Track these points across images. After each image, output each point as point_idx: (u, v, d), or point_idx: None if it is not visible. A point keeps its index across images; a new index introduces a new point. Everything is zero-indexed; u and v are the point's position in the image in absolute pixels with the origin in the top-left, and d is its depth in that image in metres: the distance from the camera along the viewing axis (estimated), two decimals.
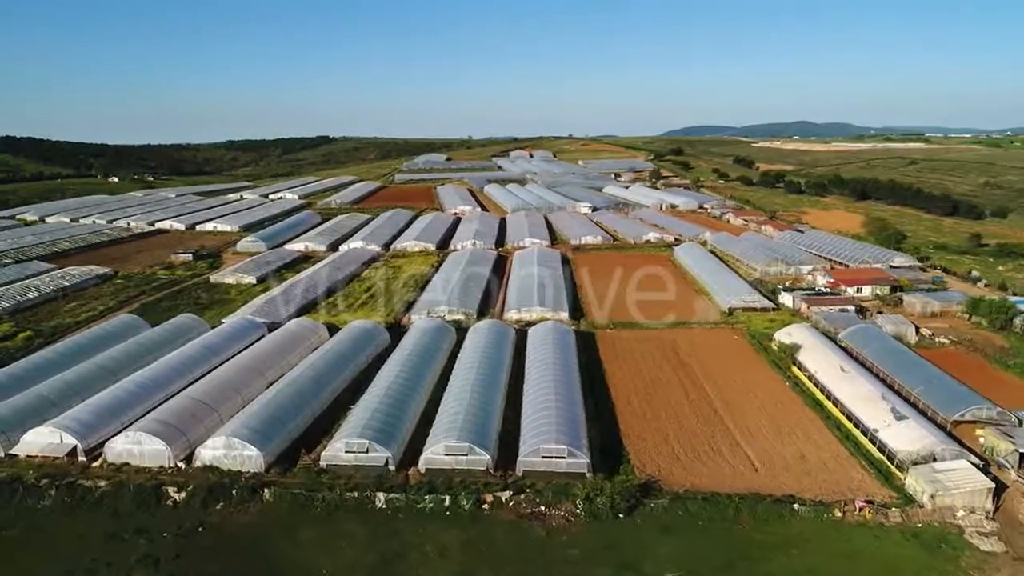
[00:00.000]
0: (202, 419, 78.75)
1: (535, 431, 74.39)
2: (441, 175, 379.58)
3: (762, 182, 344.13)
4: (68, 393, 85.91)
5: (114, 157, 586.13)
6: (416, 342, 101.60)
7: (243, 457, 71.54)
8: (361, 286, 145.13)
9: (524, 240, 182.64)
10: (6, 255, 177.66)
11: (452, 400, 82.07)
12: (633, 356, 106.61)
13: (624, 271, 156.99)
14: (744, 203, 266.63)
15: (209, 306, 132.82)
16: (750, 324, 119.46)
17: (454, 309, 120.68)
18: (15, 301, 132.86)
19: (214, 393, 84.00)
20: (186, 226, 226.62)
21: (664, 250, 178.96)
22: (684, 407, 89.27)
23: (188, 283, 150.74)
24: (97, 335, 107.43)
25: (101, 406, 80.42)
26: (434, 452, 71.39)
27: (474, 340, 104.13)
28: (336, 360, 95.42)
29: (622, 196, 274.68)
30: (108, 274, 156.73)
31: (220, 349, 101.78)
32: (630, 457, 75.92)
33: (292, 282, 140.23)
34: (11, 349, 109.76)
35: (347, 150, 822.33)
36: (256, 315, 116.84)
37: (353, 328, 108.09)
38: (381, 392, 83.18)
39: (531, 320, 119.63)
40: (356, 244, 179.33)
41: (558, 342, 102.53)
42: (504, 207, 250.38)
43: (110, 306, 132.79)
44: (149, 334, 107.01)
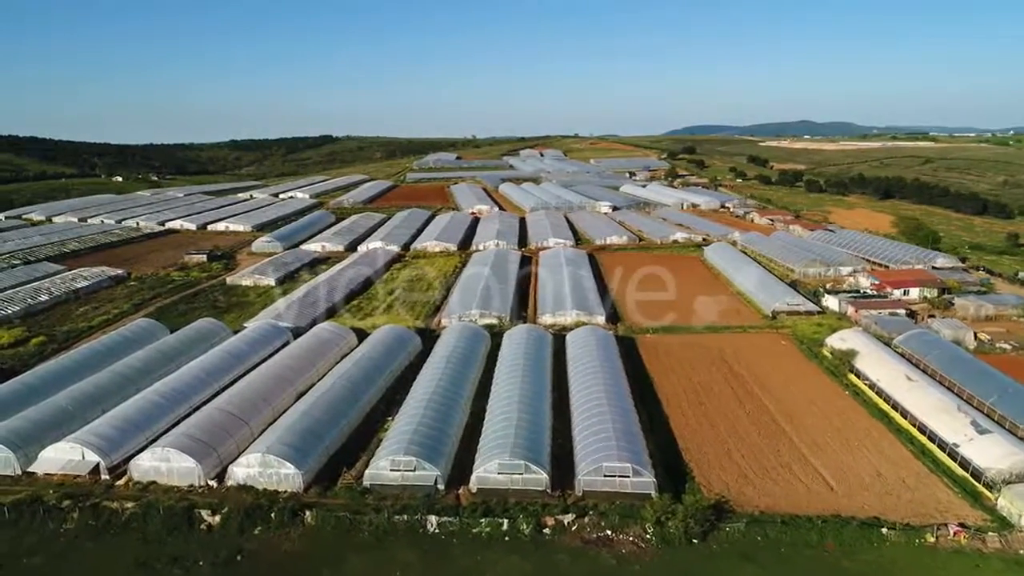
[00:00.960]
0: (232, 433, 73.43)
1: (593, 447, 68.94)
2: (453, 174, 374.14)
3: (781, 181, 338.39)
4: (87, 404, 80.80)
5: (118, 156, 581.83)
6: (451, 348, 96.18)
7: (280, 476, 66.19)
8: (384, 288, 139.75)
9: (548, 240, 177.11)
10: (14, 256, 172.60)
11: (498, 412, 76.66)
12: (679, 363, 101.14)
13: (655, 273, 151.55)
14: (765, 202, 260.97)
15: (228, 309, 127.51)
16: (796, 328, 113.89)
17: (486, 312, 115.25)
18: (26, 304, 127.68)
19: (243, 404, 78.66)
20: (197, 226, 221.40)
21: (693, 250, 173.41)
22: (742, 418, 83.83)
23: (204, 285, 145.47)
24: (115, 341, 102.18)
25: (124, 419, 75.09)
26: (486, 470, 65.97)
27: (511, 346, 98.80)
28: (369, 368, 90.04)
29: (642, 195, 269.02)
30: (121, 276, 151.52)
31: (245, 356, 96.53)
32: (694, 474, 70.47)
33: (313, 284, 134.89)
34: (24, 355, 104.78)
35: (351, 149, 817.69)
36: (279, 319, 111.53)
37: (384, 333, 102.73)
38: (421, 403, 77.77)
39: (566, 324, 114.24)
40: (375, 244, 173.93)
41: (600, 348, 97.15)
42: (522, 206, 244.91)
43: (124, 309, 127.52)
44: (169, 340, 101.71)
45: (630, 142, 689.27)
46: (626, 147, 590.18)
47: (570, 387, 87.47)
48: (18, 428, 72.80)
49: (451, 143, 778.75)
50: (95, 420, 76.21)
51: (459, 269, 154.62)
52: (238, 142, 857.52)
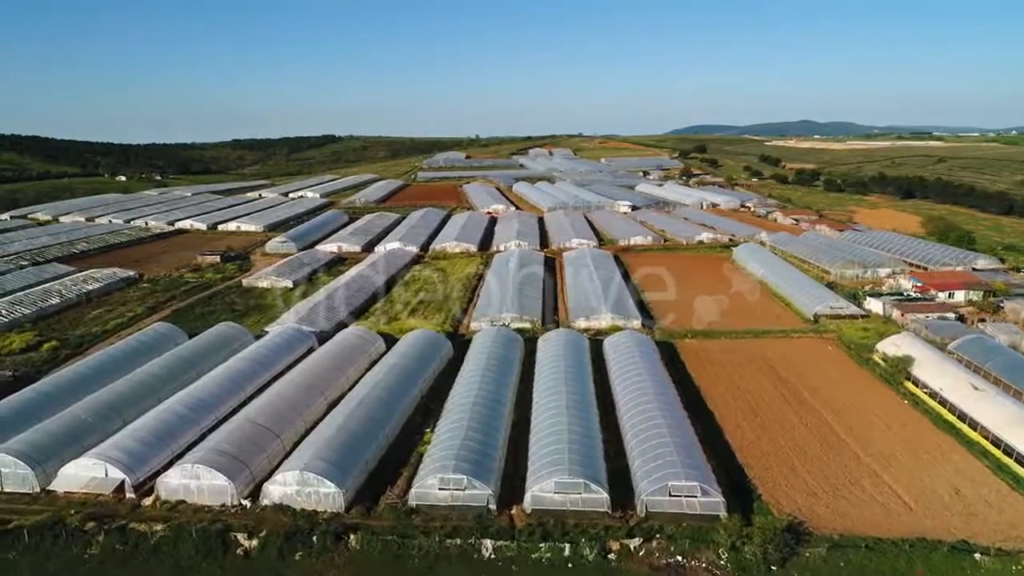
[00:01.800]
0: (264, 447, 68.69)
1: (653, 463, 64.13)
2: (464, 173, 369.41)
3: (798, 180, 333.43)
4: (107, 415, 76.05)
5: (121, 156, 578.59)
6: (486, 354, 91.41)
7: (319, 495, 61.40)
8: (407, 290, 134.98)
9: (570, 241, 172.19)
10: (22, 256, 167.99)
11: (545, 424, 71.91)
12: (724, 369, 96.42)
13: (685, 274, 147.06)
14: (785, 202, 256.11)
15: (246, 313, 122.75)
16: (841, 333, 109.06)
17: (516, 316, 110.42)
18: (36, 307, 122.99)
19: (274, 416, 73.91)
20: (207, 226, 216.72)
21: (720, 251, 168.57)
22: (800, 430, 79.07)
23: (219, 287, 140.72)
24: (132, 347, 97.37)
25: (148, 431, 70.27)
26: (542, 489, 61.16)
27: (548, 352, 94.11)
28: (402, 375, 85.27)
29: (660, 194, 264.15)
30: (132, 277, 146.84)
31: (270, 362, 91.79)
32: (759, 492, 65.66)
33: (334, 286, 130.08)
34: (36, 361, 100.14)
35: (355, 149, 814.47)
36: (302, 323, 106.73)
37: (414, 338, 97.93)
38: (463, 414, 73.00)
39: (600, 328, 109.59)
40: (393, 245, 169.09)
41: (643, 354, 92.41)
42: (539, 206, 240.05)
43: (139, 313, 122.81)
44: (189, 346, 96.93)
45: (635, 141, 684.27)
46: (636, 146, 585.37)
47: (616, 396, 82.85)
48: (36, 442, 68.07)
49: (455, 142, 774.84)
50: (116, 433, 71.50)
51: (482, 270, 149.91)
52: (240, 141, 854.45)
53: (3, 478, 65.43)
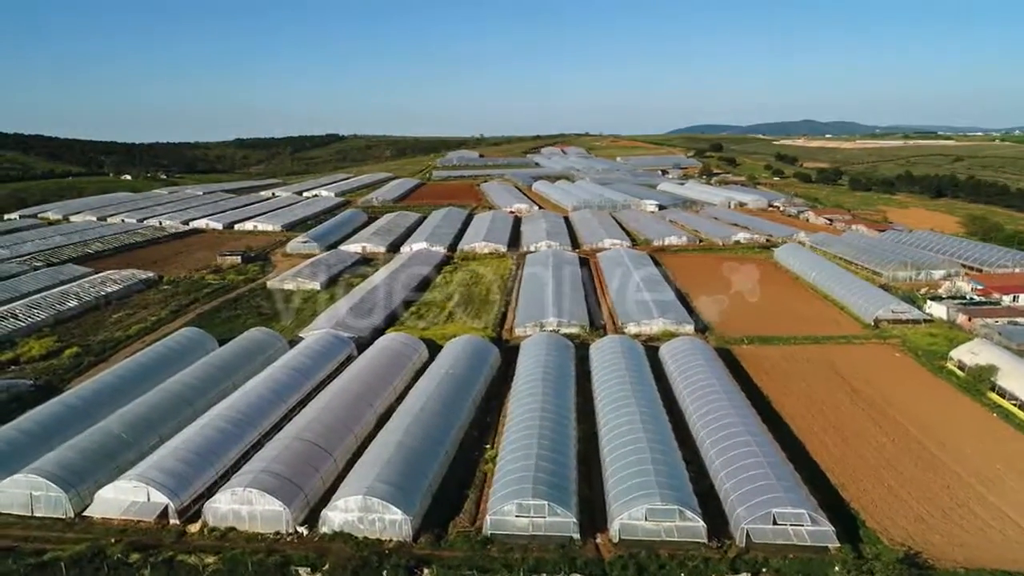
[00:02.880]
0: (317, 467, 62.90)
1: (749, 486, 58.20)
2: (480, 172, 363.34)
3: (821, 179, 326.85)
4: (142, 430, 70.32)
5: (125, 155, 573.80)
6: (541, 362, 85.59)
7: (384, 522, 55.56)
8: (440, 293, 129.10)
9: (603, 241, 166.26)
10: (36, 257, 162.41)
11: (620, 442, 66.05)
12: (791, 378, 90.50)
13: (727, 276, 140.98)
14: (812, 201, 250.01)
15: (274, 316, 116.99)
16: (907, 339, 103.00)
17: (564, 321, 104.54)
18: (54, 311, 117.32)
19: (323, 431, 68.11)
20: (223, 225, 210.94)
21: (759, 252, 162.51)
22: (887, 446, 73.17)
23: (243, 289, 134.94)
24: (160, 353, 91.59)
25: (189, 449, 64.40)
26: (631, 517, 55.23)
27: (604, 360, 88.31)
28: (455, 386, 79.42)
29: (684, 193, 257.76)
30: (152, 279, 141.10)
31: (310, 371, 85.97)
32: (863, 518, 59.70)
33: (364, 288, 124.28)
34: (57, 368, 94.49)
35: (360, 148, 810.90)
36: (337, 328, 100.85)
37: (459, 345, 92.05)
38: (529, 430, 67.18)
39: (652, 334, 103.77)
40: (419, 245, 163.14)
41: (705, 362, 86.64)
42: (562, 205, 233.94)
43: (162, 316, 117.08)
44: (221, 353, 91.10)
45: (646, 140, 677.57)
46: (648, 145, 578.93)
47: (685, 409, 77.04)
48: (69, 462, 62.30)
49: (460, 141, 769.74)
50: (155, 451, 65.85)
51: (515, 272, 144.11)
52: (244, 141, 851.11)
53: (34, 502, 59.75)
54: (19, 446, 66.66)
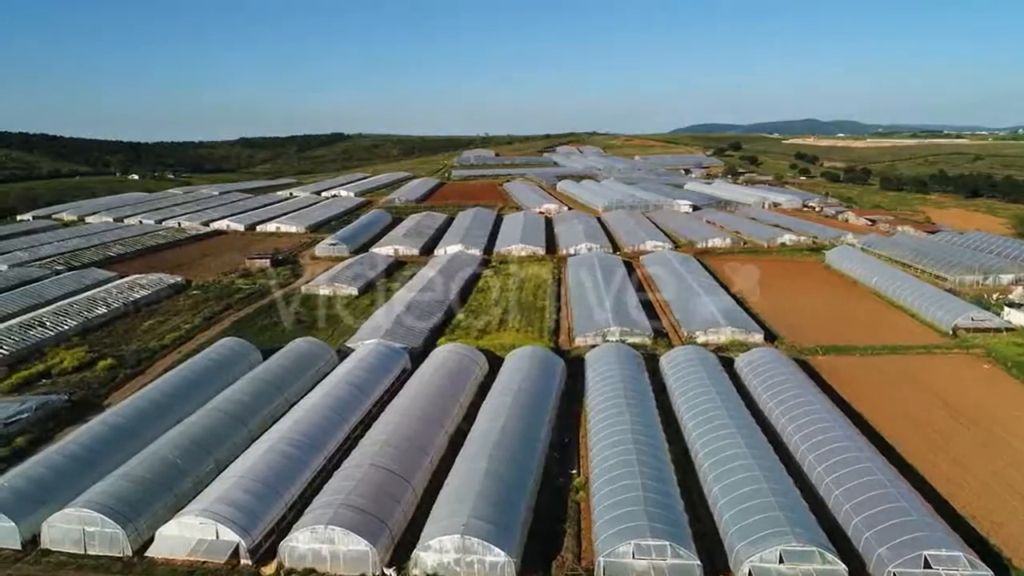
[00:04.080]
0: (398, 499, 56.91)
1: (887, 523, 52.00)
2: (500, 171, 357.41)
3: (850, 178, 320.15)
4: (196, 454, 64.27)
5: (131, 154, 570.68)
6: (615, 376, 79.66)
7: (486, 565, 49.58)
8: (485, 298, 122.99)
9: (644, 243, 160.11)
10: (56, 261, 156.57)
11: (726, 469, 60.00)
12: (880, 393, 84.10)
13: (780, 280, 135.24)
14: (846, 200, 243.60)
15: (314, 324, 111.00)
16: (991, 349, 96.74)
17: (627, 330, 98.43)
18: (82, 318, 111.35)
19: (397, 456, 62.07)
20: (245, 226, 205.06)
21: (808, 255, 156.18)
22: (1009, 469, 66.92)
23: (276, 294, 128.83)
24: (204, 366, 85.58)
25: (254, 477, 58.34)
26: (764, 560, 49.06)
27: (680, 373, 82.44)
28: (529, 403, 73.37)
29: (715, 193, 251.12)
30: (180, 283, 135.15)
31: (368, 386, 79.93)
32: (1008, 556, 53.50)
33: (406, 294, 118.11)
34: (91, 381, 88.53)
35: (365, 147, 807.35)
36: (388, 338, 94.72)
37: (524, 357, 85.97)
38: (626, 456, 61.19)
39: (720, 343, 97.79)
40: (454, 248, 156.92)
41: (790, 376, 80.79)
42: (591, 205, 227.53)
43: (196, 324, 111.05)
44: (269, 366, 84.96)
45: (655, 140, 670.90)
46: (663, 144, 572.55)
47: (781, 430, 70.97)
48: (123, 493, 56.27)
49: (467, 141, 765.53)
50: (214, 479, 60.00)
51: (559, 276, 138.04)
52: (248, 140, 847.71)
53: (87, 538, 53.80)
54: (65, 473, 60.79)
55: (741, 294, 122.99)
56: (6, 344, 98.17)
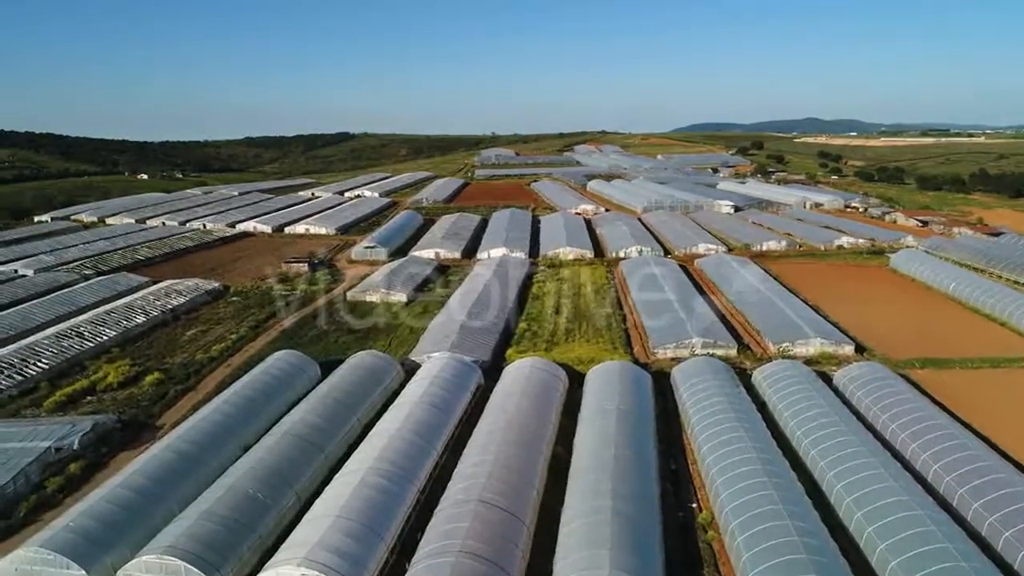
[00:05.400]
0: (515, 541, 50.58)
1: None
2: (525, 171, 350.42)
3: (884, 177, 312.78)
4: (276, 486, 57.98)
5: (138, 153, 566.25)
6: (716, 394, 73.07)
7: None
8: (543, 305, 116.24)
9: (696, 246, 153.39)
10: (83, 265, 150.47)
11: (875, 509, 53.18)
12: (1002, 415, 76.89)
13: (850, 286, 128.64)
14: (888, 201, 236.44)
15: (368, 334, 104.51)
16: None
17: (710, 341, 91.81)
18: (121, 328, 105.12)
19: (503, 489, 55.68)
20: (272, 228, 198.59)
21: (869, 258, 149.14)
22: None
23: (320, 302, 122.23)
24: (264, 383, 79.19)
25: (349, 516, 52.01)
26: None
27: (783, 391, 76.00)
28: (632, 427, 66.93)
29: (753, 193, 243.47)
30: (218, 289, 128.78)
31: (448, 406, 73.46)
32: None
33: (460, 301, 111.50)
34: (140, 399, 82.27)
35: (373, 146, 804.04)
36: (455, 350, 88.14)
37: (609, 373, 79.48)
38: (762, 491, 54.57)
39: (809, 356, 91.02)
40: (498, 251, 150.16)
41: (910, 397, 74.15)
42: (627, 206, 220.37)
43: (242, 334, 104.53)
44: (334, 382, 78.50)
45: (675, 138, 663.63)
46: (682, 143, 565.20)
47: (913, 456, 64.07)
48: (207, 536, 49.83)
49: (476, 140, 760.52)
50: (302, 517, 53.80)
51: (614, 281, 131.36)
52: (254, 139, 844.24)
53: None
54: (134, 510, 54.49)
55: (813, 301, 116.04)
56: (44, 357, 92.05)
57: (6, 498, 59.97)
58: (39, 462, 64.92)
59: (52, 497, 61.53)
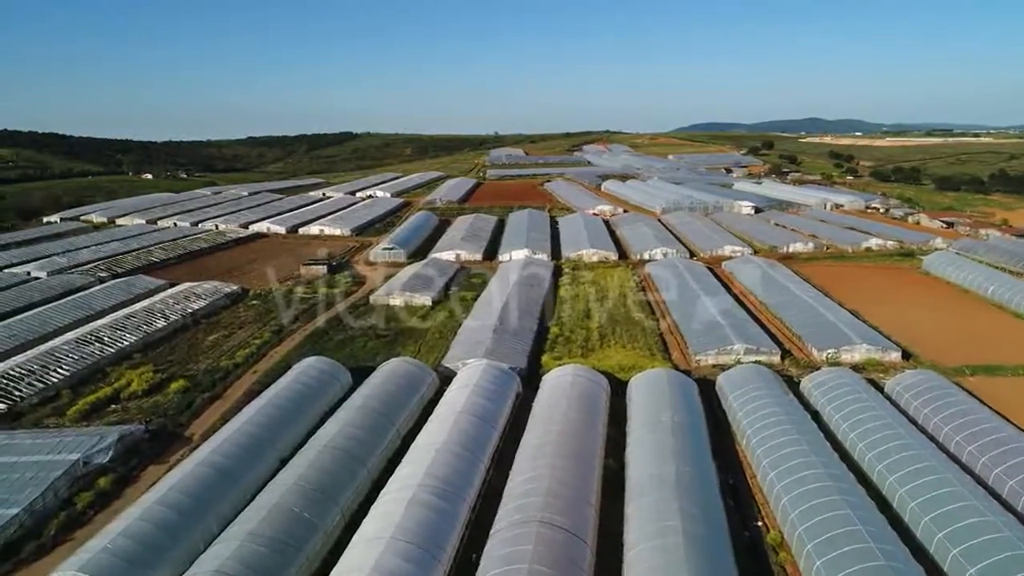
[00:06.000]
0: (580, 563, 47.70)
1: None
2: (538, 171, 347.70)
3: (901, 178, 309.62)
4: (321, 503, 55.04)
5: (141, 153, 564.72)
6: (770, 404, 70.14)
7: None
8: (572, 309, 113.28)
9: (722, 248, 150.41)
10: (97, 267, 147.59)
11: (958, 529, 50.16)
12: None
13: (885, 289, 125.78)
14: (907, 201, 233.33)
15: (395, 340, 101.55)
16: None
17: (752, 348, 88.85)
18: (142, 332, 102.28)
19: (563, 508, 52.75)
20: (286, 229, 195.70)
21: (900, 260, 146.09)
22: None
23: (342, 305, 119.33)
24: (296, 391, 76.34)
25: (404, 538, 49.08)
26: None
27: (839, 403, 72.90)
28: (687, 439, 63.90)
29: (770, 194, 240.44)
30: (237, 292, 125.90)
31: (491, 416, 70.52)
32: None
33: (491, 305, 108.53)
34: (166, 407, 79.38)
35: (377, 146, 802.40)
36: (490, 357, 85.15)
37: (655, 382, 76.48)
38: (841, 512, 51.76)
39: (855, 362, 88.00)
40: (520, 253, 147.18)
41: (974, 408, 71.02)
42: (647, 207, 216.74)
43: (266, 339, 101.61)
44: (371, 392, 75.39)
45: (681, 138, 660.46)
46: (691, 142, 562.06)
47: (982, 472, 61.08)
48: (253, 559, 47.12)
49: (480, 140, 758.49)
50: (355, 538, 50.74)
51: (639, 282, 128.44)
52: (256, 139, 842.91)
53: None
54: (173, 530, 51.65)
55: (850, 305, 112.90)
56: (65, 364, 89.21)
57: (35, 514, 57.21)
58: (67, 476, 62.07)
59: (83, 514, 58.70)
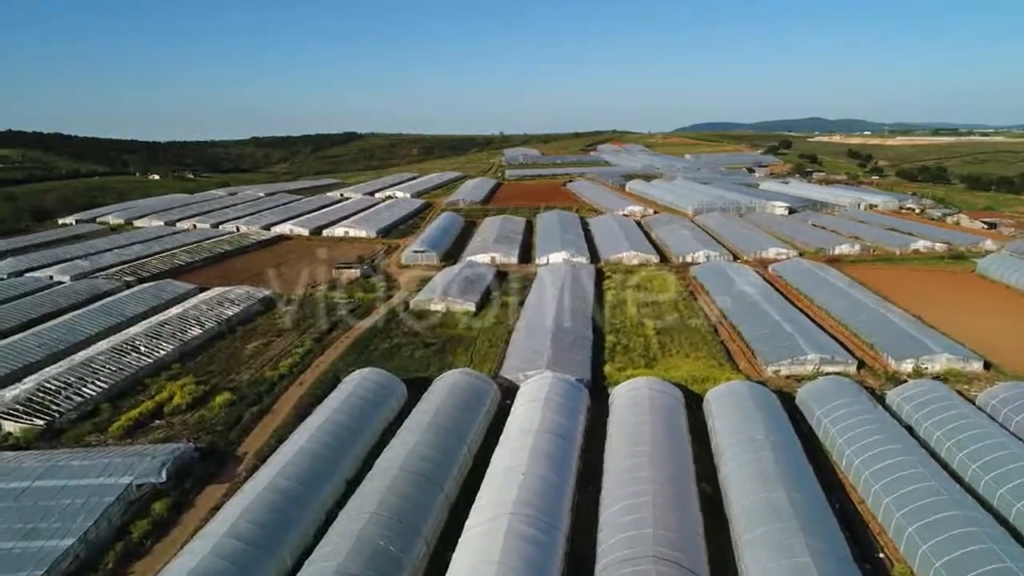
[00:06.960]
0: None
1: None
2: (557, 170, 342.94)
3: (927, 177, 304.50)
4: (404, 534, 50.88)
5: (147, 153, 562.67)
6: (863, 419, 65.39)
7: None
8: (624, 315, 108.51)
9: (767, 250, 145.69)
10: (123, 271, 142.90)
11: None
12: None
13: (943, 293, 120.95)
14: (939, 201, 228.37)
15: (443, 348, 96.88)
16: None
17: (827, 358, 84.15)
18: (177, 341, 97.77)
19: (675, 541, 48.18)
20: (309, 231, 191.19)
21: (952, 263, 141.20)
22: None
23: (383, 310, 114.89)
24: (352, 405, 71.97)
25: (502, 569, 44.22)
26: None
27: (937, 419, 67.92)
28: (789, 461, 59.23)
29: (800, 193, 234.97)
30: (271, 298, 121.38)
31: (568, 434, 65.96)
32: None
33: (540, 312, 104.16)
34: (213, 423, 75.02)
35: (382, 146, 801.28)
36: (552, 368, 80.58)
37: (741, 396, 71.91)
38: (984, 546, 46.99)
39: (936, 372, 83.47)
40: (558, 255, 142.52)
41: None
42: (677, 207, 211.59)
43: (309, 348, 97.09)
44: (434, 407, 70.76)
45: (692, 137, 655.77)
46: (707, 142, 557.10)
47: None
48: None
49: (486, 140, 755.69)
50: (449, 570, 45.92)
51: (691, 288, 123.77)
52: (260, 139, 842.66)
53: None
54: (250, 566, 47.13)
55: (913, 311, 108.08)
56: (102, 375, 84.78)
57: (90, 544, 52.82)
58: (121, 501, 57.60)
59: (140, 544, 54.27)
